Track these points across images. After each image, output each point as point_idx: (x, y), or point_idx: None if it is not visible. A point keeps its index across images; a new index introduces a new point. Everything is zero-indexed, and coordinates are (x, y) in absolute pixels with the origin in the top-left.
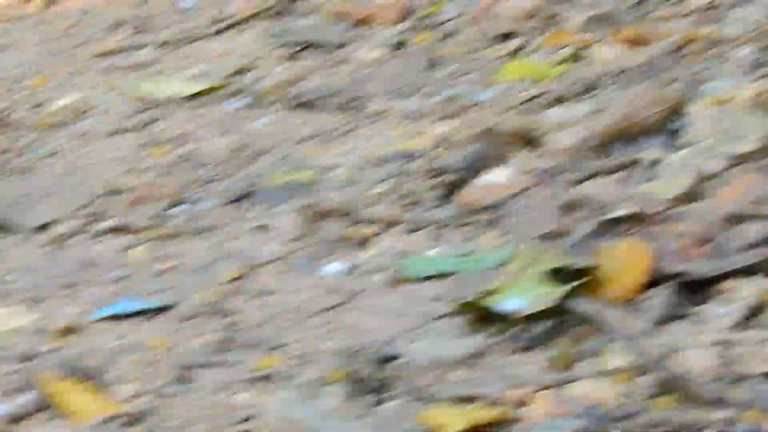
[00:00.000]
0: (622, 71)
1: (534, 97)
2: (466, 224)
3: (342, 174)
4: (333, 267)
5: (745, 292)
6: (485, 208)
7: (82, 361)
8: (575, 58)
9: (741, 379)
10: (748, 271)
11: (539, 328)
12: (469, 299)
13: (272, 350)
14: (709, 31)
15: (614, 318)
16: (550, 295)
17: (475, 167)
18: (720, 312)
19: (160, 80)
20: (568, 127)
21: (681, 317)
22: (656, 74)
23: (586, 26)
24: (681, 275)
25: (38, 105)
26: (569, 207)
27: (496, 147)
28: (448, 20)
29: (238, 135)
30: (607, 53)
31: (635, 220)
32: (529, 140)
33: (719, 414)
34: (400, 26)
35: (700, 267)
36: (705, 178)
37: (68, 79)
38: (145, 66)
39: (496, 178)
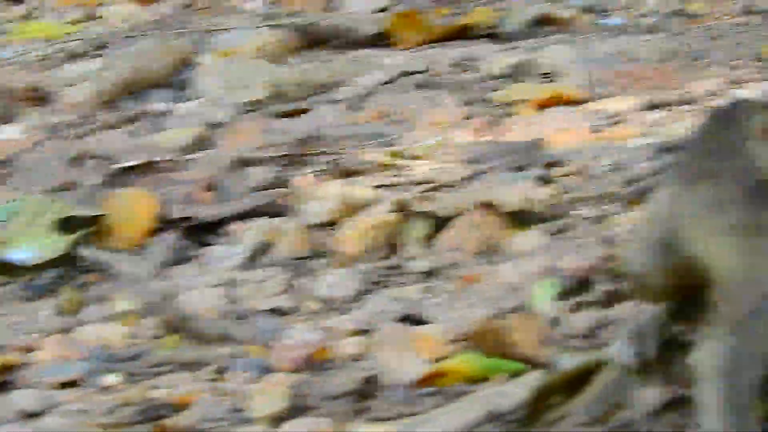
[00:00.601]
0: (134, 28)
1: (47, 56)
2: None
3: None
4: None
5: (249, 233)
6: None
7: None
8: (88, 17)
9: (244, 316)
10: (252, 214)
11: (48, 276)
12: None
13: None
14: None
15: (121, 263)
16: (57, 244)
17: None
18: (225, 253)
19: None
20: (79, 83)
21: (188, 260)
22: (167, 29)
23: None
24: (187, 220)
25: None
26: (78, 159)
27: (7, 105)
28: None
29: None
30: (120, 11)
31: (144, 169)
32: (41, 97)
33: (223, 350)
34: None
35: (205, 211)
36: (212, 127)
37: None
38: None
39: (7, 134)
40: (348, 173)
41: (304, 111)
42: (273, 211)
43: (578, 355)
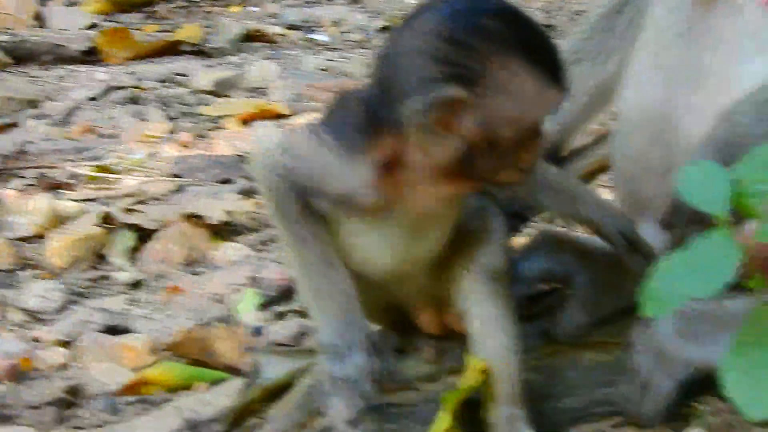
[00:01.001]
0: None
1: None
2: None
3: None
4: None
5: None
6: None
7: None
8: None
9: None
10: None
11: None
12: None
13: None
14: None
15: None
16: None
17: None
18: None
19: None
20: None
21: None
22: None
23: None
24: None
25: None
26: None
27: None
28: None
29: None
30: None
31: None
32: None
33: None
34: None
35: None
36: None
37: None
38: None
39: None
40: (55, 187)
41: (12, 126)
42: None
43: (281, 364)
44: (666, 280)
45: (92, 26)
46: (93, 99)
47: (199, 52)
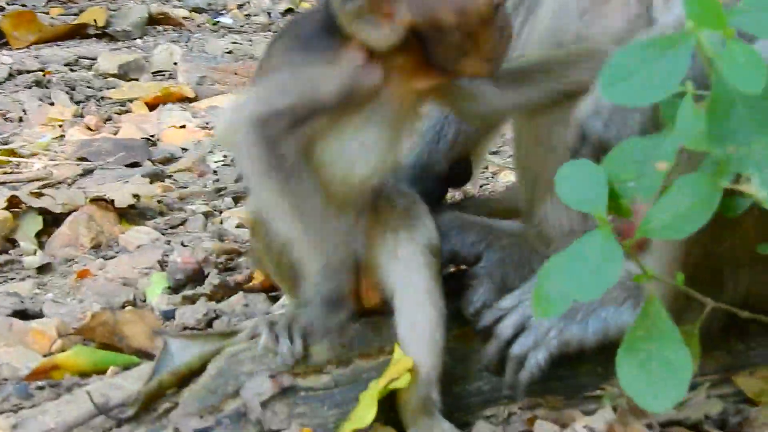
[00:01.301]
0: None
1: None
2: None
3: None
4: None
5: None
6: None
7: None
8: None
9: None
10: None
11: None
12: None
13: None
14: None
15: None
16: None
17: None
18: None
19: None
20: None
21: None
22: None
23: None
24: None
25: None
26: None
27: None
28: None
29: None
30: None
31: None
32: None
33: None
34: None
35: None
36: None
37: None
38: None
39: None
40: None
41: None
42: None
43: (191, 347)
44: (553, 280)
45: None
46: None
47: (104, 35)
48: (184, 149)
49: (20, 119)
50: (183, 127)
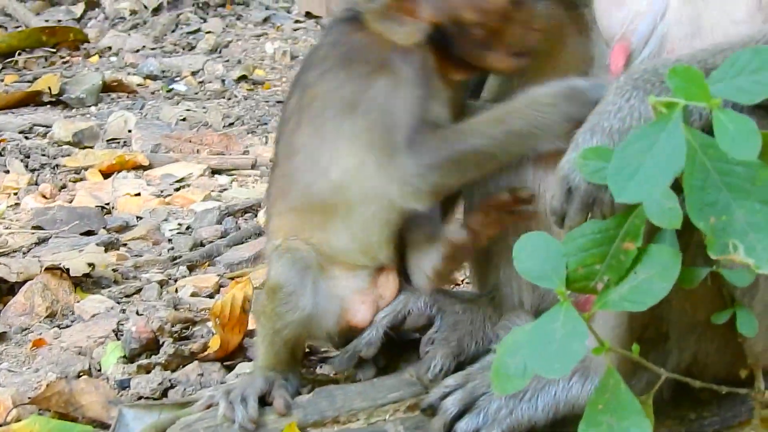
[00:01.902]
0: None
1: None
2: None
3: None
4: None
5: None
6: None
7: None
8: None
9: None
10: None
11: None
12: None
13: None
14: None
15: None
16: None
17: None
18: None
19: None
20: None
21: None
22: None
23: None
24: None
25: None
26: None
27: None
28: None
29: None
30: None
31: None
32: None
33: None
34: None
35: None
36: None
37: None
38: None
39: None
40: None
41: None
42: None
43: (145, 416)
44: (515, 356)
45: None
46: None
47: (59, 102)
48: (139, 217)
49: None
50: (138, 195)
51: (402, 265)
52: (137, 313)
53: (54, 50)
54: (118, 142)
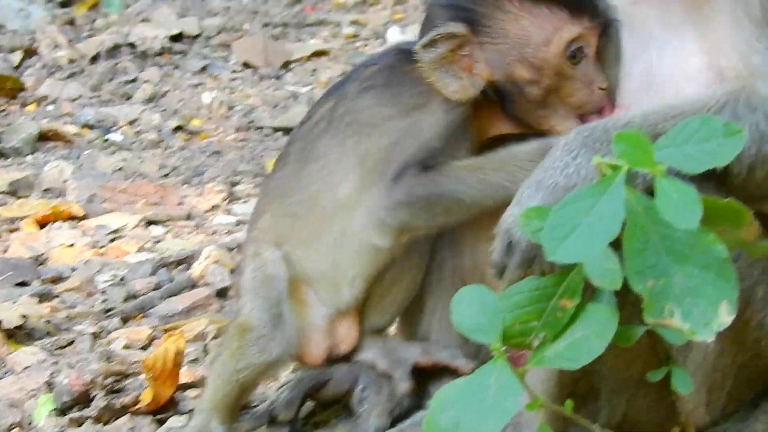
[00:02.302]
0: None
1: None
2: None
3: None
4: None
5: None
6: None
7: None
8: None
9: None
10: None
11: None
12: None
13: None
14: None
15: None
16: None
17: None
18: None
19: None
20: None
21: None
22: None
23: None
24: None
25: None
26: None
27: None
28: None
29: None
30: None
31: None
32: None
33: None
34: None
35: None
36: None
37: None
38: None
39: None
40: None
41: None
42: None
43: None
44: (447, 412)
45: None
46: None
47: None
48: (73, 268)
49: None
50: (72, 245)
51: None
52: (69, 365)
53: None
54: (54, 192)
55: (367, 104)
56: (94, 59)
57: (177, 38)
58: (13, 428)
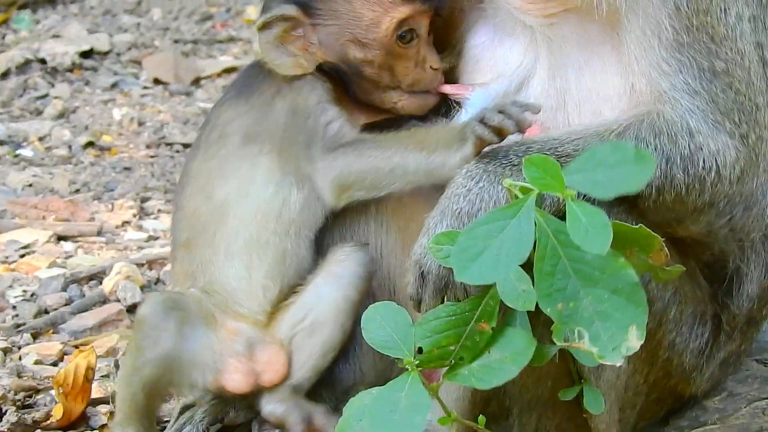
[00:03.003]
0: None
1: None
2: None
3: None
4: None
5: None
6: None
7: None
8: None
9: None
10: None
11: None
12: None
13: None
14: None
15: None
16: None
17: None
18: None
19: None
20: None
21: None
22: None
23: None
24: None
25: None
26: None
27: None
28: None
29: None
30: None
31: None
32: None
33: None
34: None
35: None
36: None
37: None
38: None
39: None
40: None
41: None
42: None
43: None
44: (358, 420)
45: None
46: None
47: None
48: None
49: None
50: None
51: None
52: None
53: None
54: None
55: (230, 117)
56: (5, 75)
57: (87, 54)
58: None
